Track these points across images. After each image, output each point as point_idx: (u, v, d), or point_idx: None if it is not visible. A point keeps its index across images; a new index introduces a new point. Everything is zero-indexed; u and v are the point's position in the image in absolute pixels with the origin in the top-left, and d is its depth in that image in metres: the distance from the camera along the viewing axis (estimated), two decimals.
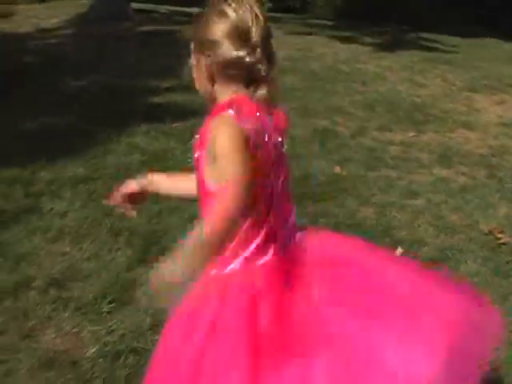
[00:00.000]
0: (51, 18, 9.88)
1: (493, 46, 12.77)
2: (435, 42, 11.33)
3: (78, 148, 4.38)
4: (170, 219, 3.35)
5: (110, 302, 2.58)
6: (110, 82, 6.39)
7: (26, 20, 9.63)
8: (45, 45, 8.11)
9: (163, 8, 11.78)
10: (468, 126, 5.99)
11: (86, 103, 5.53)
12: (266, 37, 1.49)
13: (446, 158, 4.86)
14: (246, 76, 1.49)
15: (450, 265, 3.14)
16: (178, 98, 5.95)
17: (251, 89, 1.50)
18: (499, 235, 3.51)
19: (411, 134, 5.44)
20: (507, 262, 3.25)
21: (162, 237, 3.16)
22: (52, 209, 3.43)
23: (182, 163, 4.17)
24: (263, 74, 1.48)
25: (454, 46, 11.20)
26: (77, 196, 3.59)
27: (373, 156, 4.71)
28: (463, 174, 4.56)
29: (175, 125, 4.96)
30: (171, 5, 12.01)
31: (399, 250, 3.19)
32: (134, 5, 10.70)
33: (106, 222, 3.27)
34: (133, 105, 5.58)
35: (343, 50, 9.42)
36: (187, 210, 3.48)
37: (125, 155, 4.29)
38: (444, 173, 4.55)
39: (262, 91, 1.49)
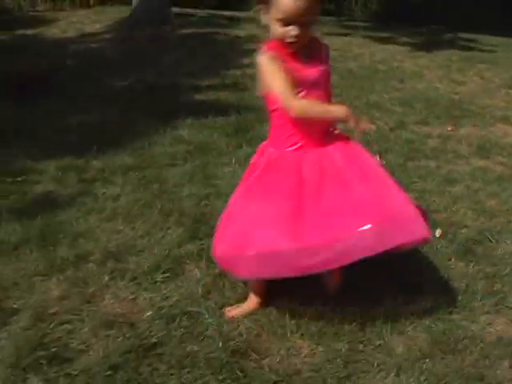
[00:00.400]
0: (95, 23, 10.21)
1: None
2: (474, 41, 11.33)
3: (126, 140, 4.58)
4: (217, 203, 3.49)
5: (163, 273, 2.73)
6: (152, 80, 6.62)
7: (70, 25, 9.99)
8: (90, 48, 8.42)
9: (202, 12, 12.03)
10: (507, 120, 6.01)
11: (131, 100, 5.75)
12: None
13: (484, 149, 4.91)
14: None
15: (489, 245, 3.22)
16: (219, 95, 6.13)
17: None
18: None
19: (449, 127, 5.51)
20: None
21: (210, 218, 3.29)
22: (105, 193, 3.61)
23: (227, 153, 4.35)
24: None
25: (493, 45, 11.17)
26: (128, 182, 3.77)
27: (412, 147, 4.79)
28: (501, 164, 4.60)
29: (218, 119, 5.12)
30: (210, 9, 12.28)
31: (438, 231, 3.30)
32: (175, 9, 10.96)
33: (157, 204, 3.44)
34: (176, 101, 5.78)
35: (380, 50, 9.51)
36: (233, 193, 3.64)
37: (171, 146, 4.47)
38: (482, 163, 4.60)
39: None
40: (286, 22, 2.22)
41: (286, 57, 2.30)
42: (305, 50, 2.33)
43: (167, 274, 2.73)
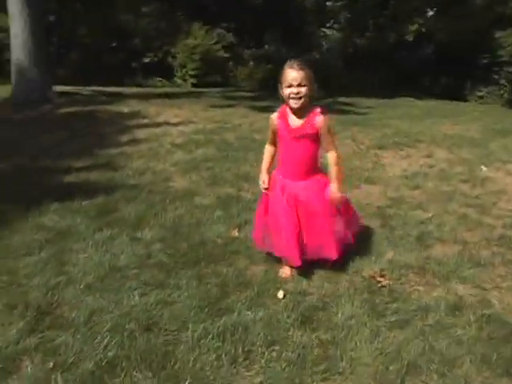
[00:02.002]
0: None
1: (406, 104, 13.52)
2: (350, 105, 11.95)
3: None
4: (65, 291, 3.50)
5: None
6: (24, 164, 6.60)
7: None
8: None
9: (87, 89, 12.12)
10: (371, 181, 6.36)
11: None
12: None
13: None
14: None
15: (330, 311, 3.36)
16: (89, 176, 6.17)
17: None
18: (380, 279, 3.77)
19: None
20: (386, 303, 3.49)
21: (56, 308, 3.31)
22: None
23: (85, 238, 4.36)
24: None
25: (368, 107, 11.82)
26: None
27: None
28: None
29: (84, 202, 5.14)
30: (96, 85, 12.40)
31: (281, 293, 3.44)
32: (58, 87, 11.01)
33: (3, 297, 3.39)
34: (45, 186, 5.77)
35: (260, 119, 9.84)
36: (83, 280, 3.66)
37: (31, 233, 4.43)
38: None
39: None
40: (288, 86, 3.61)
41: (285, 114, 3.76)
42: (300, 113, 3.73)
43: None
